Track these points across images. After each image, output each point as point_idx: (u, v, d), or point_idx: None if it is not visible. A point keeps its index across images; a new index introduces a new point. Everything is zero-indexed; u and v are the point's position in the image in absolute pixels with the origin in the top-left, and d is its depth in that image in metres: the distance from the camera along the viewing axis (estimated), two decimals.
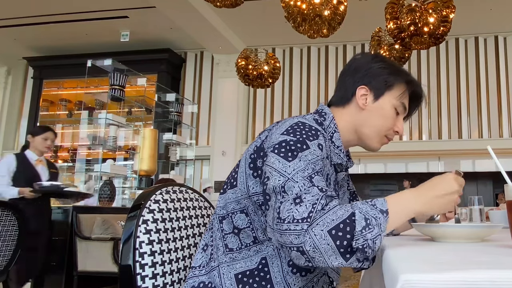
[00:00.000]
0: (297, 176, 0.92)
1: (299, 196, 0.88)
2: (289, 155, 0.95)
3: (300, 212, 0.86)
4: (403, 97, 1.16)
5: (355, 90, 1.15)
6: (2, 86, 9.51)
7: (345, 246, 0.83)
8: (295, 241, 0.85)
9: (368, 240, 0.83)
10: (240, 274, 1.03)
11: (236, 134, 8.29)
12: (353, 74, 1.17)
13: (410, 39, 3.56)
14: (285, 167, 0.93)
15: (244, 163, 1.07)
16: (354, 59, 1.22)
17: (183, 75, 9.03)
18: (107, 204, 4.71)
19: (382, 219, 0.85)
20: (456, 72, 8.04)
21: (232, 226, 1.06)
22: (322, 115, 1.15)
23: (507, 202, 0.90)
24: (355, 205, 0.87)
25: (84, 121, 5.91)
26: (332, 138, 1.12)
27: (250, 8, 6.33)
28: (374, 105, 1.14)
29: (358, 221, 0.84)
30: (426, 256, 0.81)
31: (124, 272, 1.08)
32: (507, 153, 7.17)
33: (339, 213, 0.85)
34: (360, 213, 0.85)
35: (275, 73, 5.39)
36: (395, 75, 1.15)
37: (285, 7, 3.50)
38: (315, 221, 0.85)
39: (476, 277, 0.57)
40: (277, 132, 1.01)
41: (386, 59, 1.21)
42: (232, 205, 1.07)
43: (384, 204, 0.87)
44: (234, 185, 1.08)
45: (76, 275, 3.74)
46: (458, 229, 1.08)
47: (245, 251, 1.05)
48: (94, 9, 7.28)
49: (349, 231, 0.83)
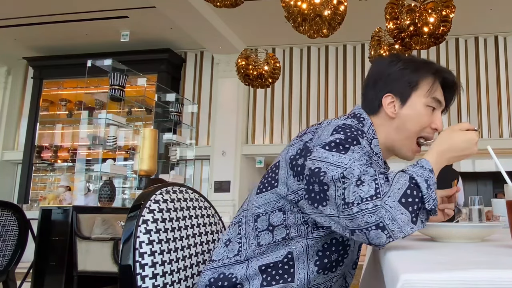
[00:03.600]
0: (354, 164, 0.92)
1: (360, 178, 0.89)
2: (341, 148, 0.95)
3: (365, 191, 0.87)
4: (433, 92, 1.12)
5: (381, 99, 1.12)
6: (2, 86, 9.50)
7: (416, 210, 0.86)
8: (371, 219, 0.85)
9: (435, 199, 0.87)
10: (264, 266, 1.04)
11: (236, 134, 8.28)
12: (375, 82, 1.14)
13: (410, 39, 3.56)
14: (340, 159, 0.94)
15: (285, 165, 1.06)
16: (372, 66, 1.20)
17: (183, 75, 9.02)
18: (107, 204, 4.70)
19: (433, 178, 0.89)
20: (456, 72, 8.03)
21: (268, 224, 1.06)
22: (361, 121, 1.12)
23: (507, 202, 0.90)
24: (408, 170, 0.90)
25: (84, 121, 5.90)
26: (371, 144, 1.10)
27: (250, 8, 6.33)
28: (403, 110, 1.11)
29: (421, 183, 0.87)
30: (426, 256, 0.81)
31: (124, 272, 1.08)
32: (507, 153, 7.17)
33: (401, 181, 0.87)
34: (417, 176, 0.88)
35: (275, 73, 5.39)
36: (417, 72, 1.11)
37: (285, 7, 3.50)
38: (385, 194, 0.86)
39: (476, 277, 0.57)
40: (324, 134, 1.01)
41: (403, 58, 1.17)
42: (272, 204, 1.06)
43: (428, 163, 0.91)
44: (275, 185, 1.07)
45: (76, 275, 3.73)
46: (458, 229, 1.08)
47: (274, 245, 1.05)
48: (94, 9, 7.27)
49: (416, 195, 0.86)
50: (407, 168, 0.91)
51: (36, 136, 8.78)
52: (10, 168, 9.20)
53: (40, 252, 3.90)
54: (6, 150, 9.21)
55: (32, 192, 8.58)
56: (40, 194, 8.36)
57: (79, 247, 3.75)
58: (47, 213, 4.03)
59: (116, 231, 3.80)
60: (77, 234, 3.78)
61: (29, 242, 3.10)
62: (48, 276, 3.86)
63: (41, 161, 8.57)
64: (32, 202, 8.00)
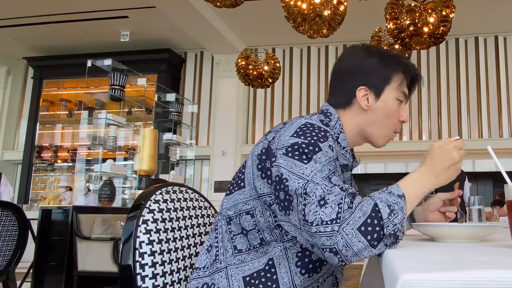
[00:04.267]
0: (316, 177, 0.92)
1: (323, 198, 0.89)
2: (303, 157, 0.95)
3: (327, 213, 0.87)
4: (402, 86, 1.14)
5: (354, 92, 1.13)
6: (2, 86, 9.50)
7: (376, 237, 0.85)
8: (327, 243, 0.86)
9: (397, 224, 0.86)
10: (248, 276, 1.03)
11: (236, 134, 8.28)
12: (348, 75, 1.15)
13: (410, 39, 3.56)
14: (302, 169, 0.94)
15: (252, 164, 1.06)
16: (343, 58, 1.19)
17: (183, 75, 9.03)
18: (107, 204, 4.70)
19: (402, 203, 0.88)
20: (456, 72, 8.04)
21: (240, 227, 1.06)
22: (328, 116, 1.13)
23: (507, 202, 0.90)
24: (374, 196, 0.90)
25: (84, 121, 5.90)
26: (338, 139, 1.11)
27: (250, 8, 6.32)
28: (377, 104, 1.13)
29: (383, 209, 0.86)
30: (426, 256, 0.81)
31: (124, 272, 1.08)
32: (507, 153, 7.17)
33: (364, 209, 0.87)
34: (381, 202, 0.88)
35: (275, 73, 5.40)
36: (391, 68, 1.13)
37: (285, 7, 3.50)
38: (344, 221, 0.86)
39: (476, 276, 0.58)
40: (286, 134, 1.01)
41: (378, 52, 1.18)
42: (239, 206, 1.06)
43: (398, 189, 0.90)
44: (242, 186, 1.07)
45: (76, 275, 3.73)
46: (458, 229, 1.08)
47: (253, 252, 1.04)
48: (94, 9, 7.27)
49: (377, 223, 0.86)
50: (374, 194, 0.91)
51: (36, 136, 8.78)
52: (10, 168, 9.20)
53: (40, 252, 3.90)
54: (6, 150, 9.21)
55: (32, 192, 8.58)
56: (40, 194, 8.36)
57: (79, 247, 3.75)
58: (47, 213, 4.03)
59: (116, 231, 3.80)
60: (77, 234, 3.78)
61: (29, 242, 3.10)
62: (48, 276, 3.86)
63: (41, 161, 8.58)
64: (32, 202, 8.01)
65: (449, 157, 0.96)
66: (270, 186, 1.01)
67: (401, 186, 0.91)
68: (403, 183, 0.93)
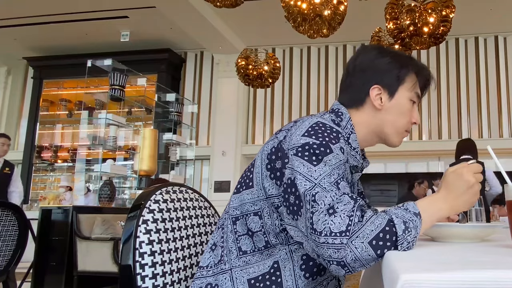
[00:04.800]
0: (324, 181, 0.91)
1: (332, 206, 0.88)
2: (313, 159, 0.94)
3: (337, 224, 0.85)
4: (416, 87, 1.14)
5: (368, 91, 1.12)
6: (2, 86, 9.50)
7: (385, 252, 0.84)
8: (334, 255, 0.84)
9: (410, 242, 0.85)
10: (253, 279, 1.02)
11: (236, 134, 8.28)
12: (360, 74, 1.14)
13: (410, 39, 3.56)
14: (310, 171, 0.92)
15: (261, 164, 1.04)
16: (357, 57, 1.18)
17: (183, 75, 9.02)
18: (107, 204, 4.70)
19: (418, 221, 0.87)
20: (456, 72, 8.03)
21: (246, 228, 1.04)
22: (339, 115, 1.12)
23: (507, 202, 0.90)
24: (389, 212, 0.88)
25: (84, 121, 5.90)
26: (349, 139, 1.10)
27: (250, 8, 6.32)
28: (390, 103, 1.12)
29: (398, 225, 0.85)
30: (426, 256, 0.81)
31: (124, 272, 1.08)
32: (507, 153, 7.16)
33: (376, 222, 0.85)
34: (397, 217, 0.86)
35: (275, 73, 5.40)
36: (405, 68, 1.13)
37: (285, 7, 3.50)
38: (354, 234, 0.84)
39: (476, 277, 0.57)
40: (297, 133, 0.99)
41: (391, 51, 1.18)
42: (247, 206, 1.05)
43: (415, 207, 0.89)
44: (250, 185, 1.05)
45: (76, 275, 3.73)
46: (458, 229, 1.08)
47: (258, 254, 1.03)
48: (94, 9, 7.27)
49: (389, 238, 0.84)
50: (390, 209, 0.90)
51: (36, 136, 8.78)
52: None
53: (40, 252, 3.90)
54: None
55: (32, 192, 8.58)
56: (40, 194, 8.36)
57: (79, 247, 3.75)
58: (47, 213, 4.03)
59: (116, 231, 3.80)
60: (77, 234, 3.78)
61: (29, 242, 3.10)
62: (48, 276, 3.86)
63: (41, 161, 8.57)
64: (32, 202, 8.00)
65: (464, 180, 0.93)
66: (278, 188, 1.00)
67: (419, 205, 0.90)
68: (420, 203, 0.92)
